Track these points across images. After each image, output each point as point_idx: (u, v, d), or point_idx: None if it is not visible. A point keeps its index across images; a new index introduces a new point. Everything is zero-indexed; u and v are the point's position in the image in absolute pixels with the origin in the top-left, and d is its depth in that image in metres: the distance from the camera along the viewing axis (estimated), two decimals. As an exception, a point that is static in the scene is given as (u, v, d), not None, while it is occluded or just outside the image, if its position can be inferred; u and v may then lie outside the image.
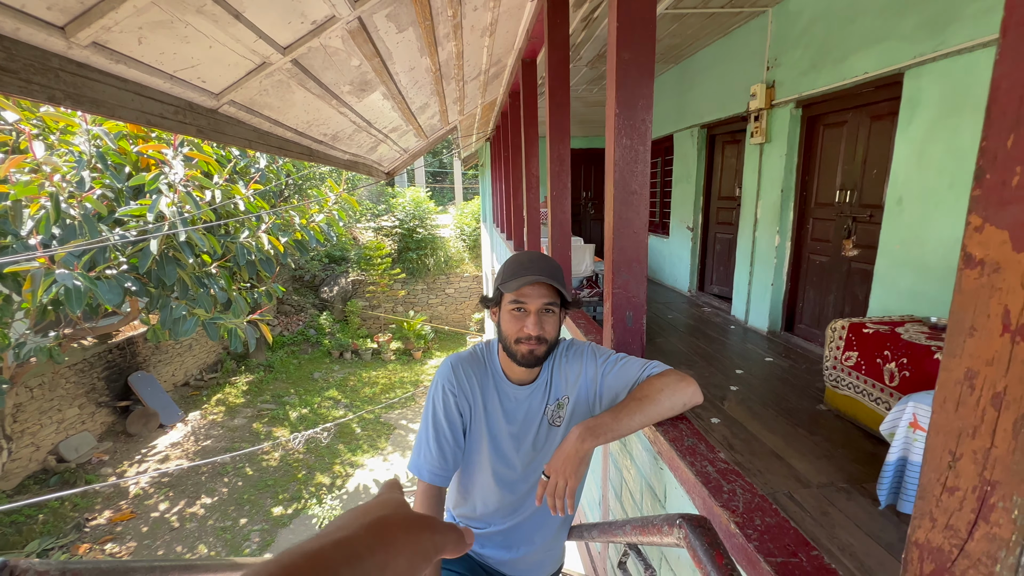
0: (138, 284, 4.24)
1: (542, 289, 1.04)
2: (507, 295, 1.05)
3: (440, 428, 1.10)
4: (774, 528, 0.67)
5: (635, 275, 1.22)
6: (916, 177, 2.64)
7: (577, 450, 0.93)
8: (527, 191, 3.09)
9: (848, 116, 3.27)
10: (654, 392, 1.00)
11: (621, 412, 0.98)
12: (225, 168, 4.85)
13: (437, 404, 1.11)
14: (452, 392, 1.11)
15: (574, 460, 0.93)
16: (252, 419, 8.26)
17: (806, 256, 3.74)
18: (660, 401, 0.99)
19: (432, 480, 1.08)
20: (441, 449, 1.09)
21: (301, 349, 10.97)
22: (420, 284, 12.45)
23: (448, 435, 1.10)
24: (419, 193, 13.31)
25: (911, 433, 1.69)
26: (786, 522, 0.69)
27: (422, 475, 1.09)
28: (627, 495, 1.22)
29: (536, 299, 1.03)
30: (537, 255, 1.10)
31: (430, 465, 1.08)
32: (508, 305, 1.05)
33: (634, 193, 1.17)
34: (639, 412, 0.98)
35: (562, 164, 2.12)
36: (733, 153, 4.78)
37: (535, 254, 1.10)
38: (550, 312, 1.06)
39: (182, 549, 5.55)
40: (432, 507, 1.07)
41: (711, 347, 3.78)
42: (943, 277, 2.52)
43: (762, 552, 0.63)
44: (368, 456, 7.50)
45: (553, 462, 0.95)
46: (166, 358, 8.54)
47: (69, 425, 6.77)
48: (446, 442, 1.10)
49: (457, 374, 1.12)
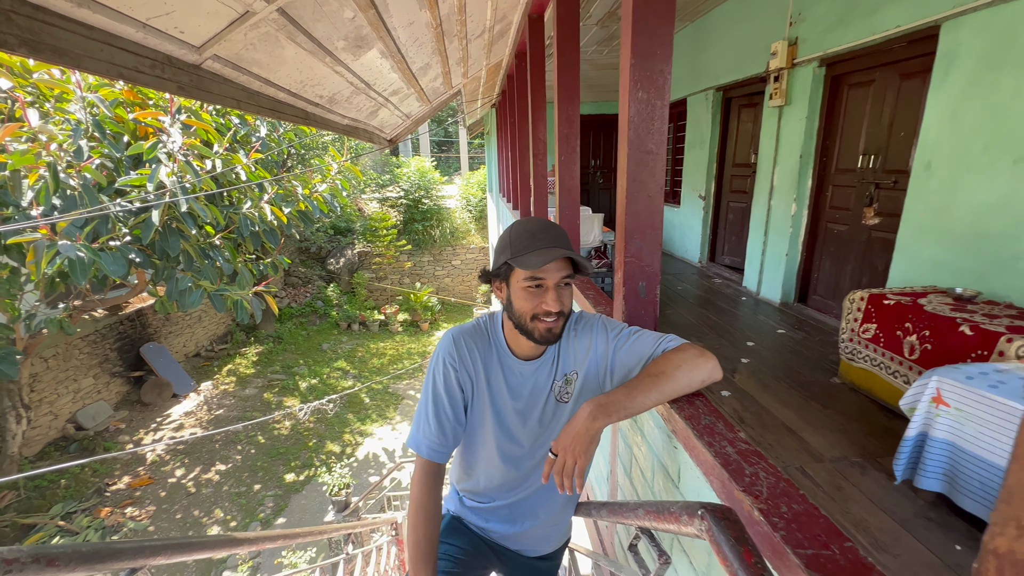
0: (142, 255, 4.21)
1: (560, 261, 0.96)
2: (520, 271, 0.97)
3: (440, 403, 1.05)
4: (802, 516, 0.62)
5: (649, 243, 1.14)
6: (948, 139, 2.48)
7: (587, 428, 0.88)
8: (534, 158, 2.96)
9: (876, 75, 3.07)
10: (670, 368, 0.94)
11: (635, 389, 0.91)
12: (225, 137, 4.73)
13: (437, 378, 1.06)
14: (453, 366, 1.05)
15: (584, 439, 0.87)
16: (263, 389, 8.40)
17: (823, 225, 3.61)
18: (677, 378, 0.93)
19: (431, 456, 1.04)
20: (441, 425, 1.05)
21: (309, 321, 11.05)
22: (426, 256, 12.39)
23: (448, 410, 1.05)
24: (424, 163, 13.09)
25: (933, 408, 1.63)
26: (815, 509, 0.63)
27: (420, 451, 1.05)
28: (637, 472, 1.18)
29: (554, 273, 0.96)
30: (545, 223, 1.02)
31: (429, 440, 1.04)
32: (522, 281, 0.97)
33: (650, 153, 1.08)
34: (654, 389, 0.91)
35: (571, 126, 2.00)
36: (749, 117, 4.58)
37: (542, 222, 1.02)
38: (567, 285, 0.99)
39: (199, 513, 5.73)
40: (430, 484, 1.03)
41: (722, 319, 3.70)
42: (971, 245, 2.40)
43: (790, 543, 0.57)
44: (377, 425, 7.63)
45: (561, 439, 0.90)
46: (176, 329, 8.64)
47: (85, 395, 6.92)
48: (446, 418, 1.05)
49: (459, 348, 1.06)
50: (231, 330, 10.06)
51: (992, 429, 1.46)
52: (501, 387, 1.08)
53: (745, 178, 4.71)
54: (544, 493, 1.18)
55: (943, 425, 1.60)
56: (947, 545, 1.51)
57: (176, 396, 7.85)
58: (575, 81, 2.01)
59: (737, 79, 4.38)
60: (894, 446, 2.08)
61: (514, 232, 1.01)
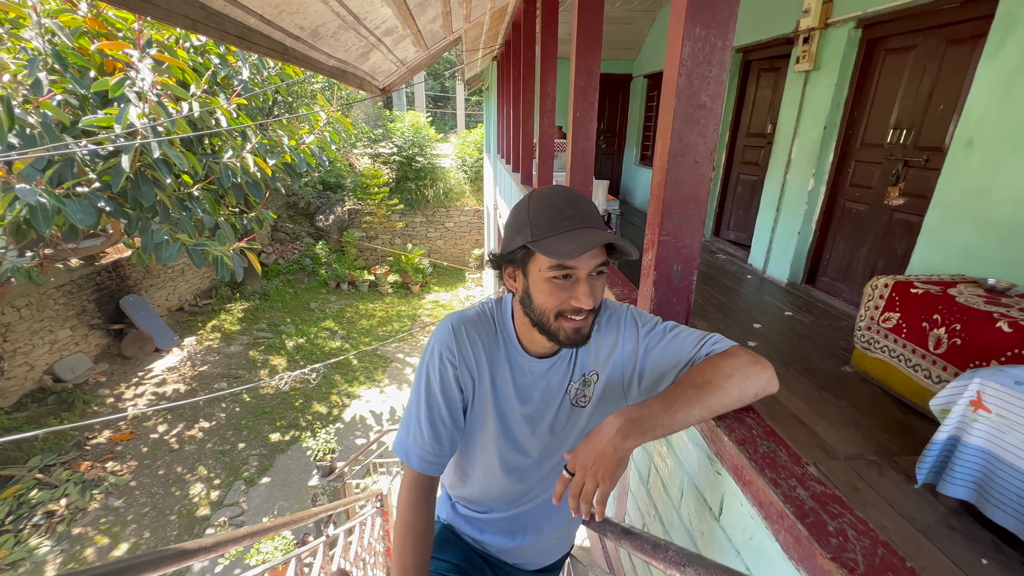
0: (113, 204, 3.91)
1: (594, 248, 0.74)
2: (543, 258, 0.76)
3: (435, 406, 0.87)
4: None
5: (690, 219, 0.95)
6: (995, 115, 2.26)
7: (615, 449, 0.70)
8: (541, 116, 2.69)
9: (918, 39, 2.80)
10: (720, 378, 0.76)
11: (675, 402, 0.74)
12: (203, 78, 4.34)
13: (432, 376, 0.87)
14: (452, 362, 0.86)
15: (610, 460, 0.70)
16: (248, 346, 8.24)
17: (841, 203, 3.41)
18: (727, 390, 0.75)
19: (422, 468, 0.87)
20: (435, 432, 0.87)
21: (297, 278, 10.79)
22: (419, 216, 12.04)
23: (445, 415, 0.87)
24: (419, 118, 12.52)
25: (970, 412, 1.49)
26: (933, 593, 0.47)
27: (411, 461, 0.87)
28: (657, 485, 1.03)
29: (588, 260, 0.75)
30: (574, 195, 0.79)
31: (420, 450, 0.86)
32: (546, 271, 0.76)
33: (702, 108, 0.86)
34: (699, 403, 0.74)
35: (590, 78, 1.74)
36: (770, 83, 4.28)
37: (570, 194, 0.79)
38: (600, 275, 0.78)
39: (182, 470, 5.67)
40: (421, 501, 0.86)
41: (727, 298, 3.55)
42: (1007, 234, 2.23)
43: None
44: (365, 388, 7.55)
45: (581, 457, 0.73)
46: (158, 282, 8.35)
47: (63, 346, 6.70)
48: (442, 423, 0.87)
49: (459, 340, 0.87)
50: (216, 285, 9.78)
51: (1039, 440, 1.33)
52: (508, 388, 0.90)
53: (759, 149, 4.47)
54: (550, 506, 1.03)
55: (980, 431, 1.47)
56: (973, 558, 1.41)
57: (158, 351, 7.66)
58: (598, 26, 1.74)
59: (760, 40, 4.06)
60: (911, 444, 1.97)
61: (534, 206, 0.78)
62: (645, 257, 1.04)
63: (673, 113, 0.87)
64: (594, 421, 0.93)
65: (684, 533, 0.94)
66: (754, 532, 0.69)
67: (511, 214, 0.82)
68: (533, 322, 0.82)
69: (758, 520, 0.67)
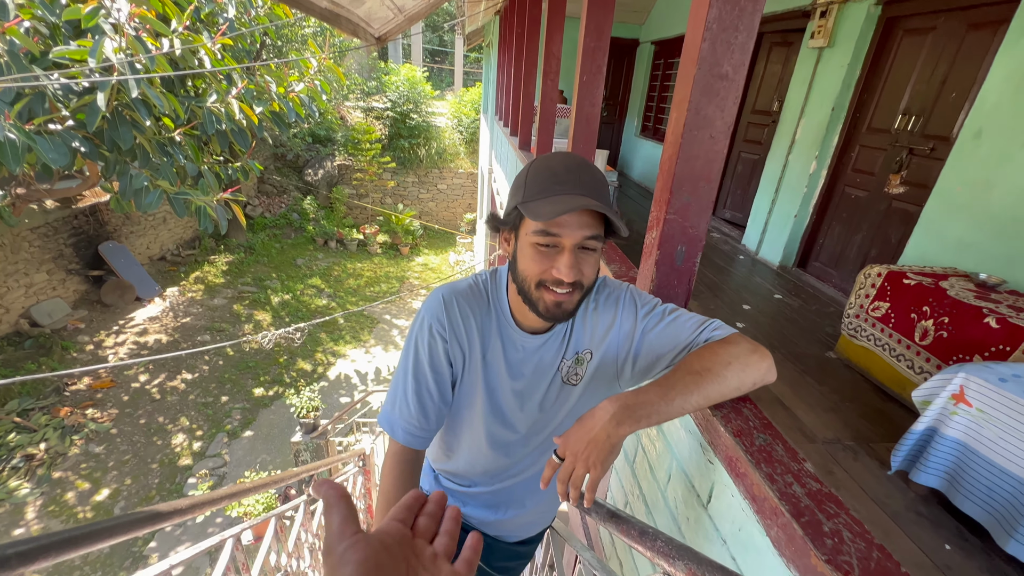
0: (88, 145, 3.71)
1: (584, 216, 0.71)
2: (531, 221, 0.73)
3: (423, 379, 0.84)
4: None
5: (700, 198, 0.90)
6: (1008, 106, 2.21)
7: (609, 435, 0.68)
8: (544, 77, 2.56)
9: (939, 21, 2.70)
10: (719, 365, 0.74)
11: (672, 389, 0.72)
12: (185, 13, 4.06)
13: (421, 348, 0.83)
14: (442, 335, 0.83)
15: (603, 447, 0.68)
16: (232, 300, 8.12)
17: (840, 188, 3.38)
18: (726, 378, 0.73)
19: (408, 442, 0.84)
20: (422, 405, 0.84)
21: (284, 233, 10.56)
22: (411, 176, 11.75)
23: (432, 388, 0.84)
24: (415, 72, 12.02)
25: (951, 405, 1.51)
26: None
27: (396, 435, 0.85)
28: (644, 468, 1.02)
29: (575, 230, 0.71)
30: (575, 160, 0.75)
31: (406, 423, 0.84)
32: (531, 235, 0.73)
33: (724, 78, 0.80)
34: (696, 391, 0.72)
35: (600, 39, 1.63)
36: (780, 58, 4.15)
37: (572, 159, 0.75)
38: (590, 250, 0.74)
39: (164, 420, 5.67)
40: (405, 475, 0.84)
41: (717, 277, 3.55)
42: (1004, 229, 2.23)
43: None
44: (351, 347, 7.54)
45: (572, 442, 0.71)
46: (139, 230, 8.10)
47: (39, 290, 6.53)
48: (429, 397, 0.84)
49: (450, 312, 0.83)
50: (199, 236, 9.54)
51: (1016, 436, 1.35)
52: (499, 362, 0.87)
53: (762, 127, 4.37)
54: (533, 482, 1.02)
55: (959, 424, 1.49)
56: (937, 543, 1.46)
57: (139, 300, 7.52)
58: (611, -19, 1.62)
59: (775, 11, 3.90)
60: (887, 431, 2.02)
61: (534, 169, 0.76)
62: (649, 235, 1.00)
63: (692, 82, 0.81)
64: (584, 400, 0.92)
65: (668, 516, 0.94)
66: (744, 524, 0.68)
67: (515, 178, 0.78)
68: (518, 289, 0.79)
69: (749, 513, 0.66)
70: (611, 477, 1.27)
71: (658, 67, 6.62)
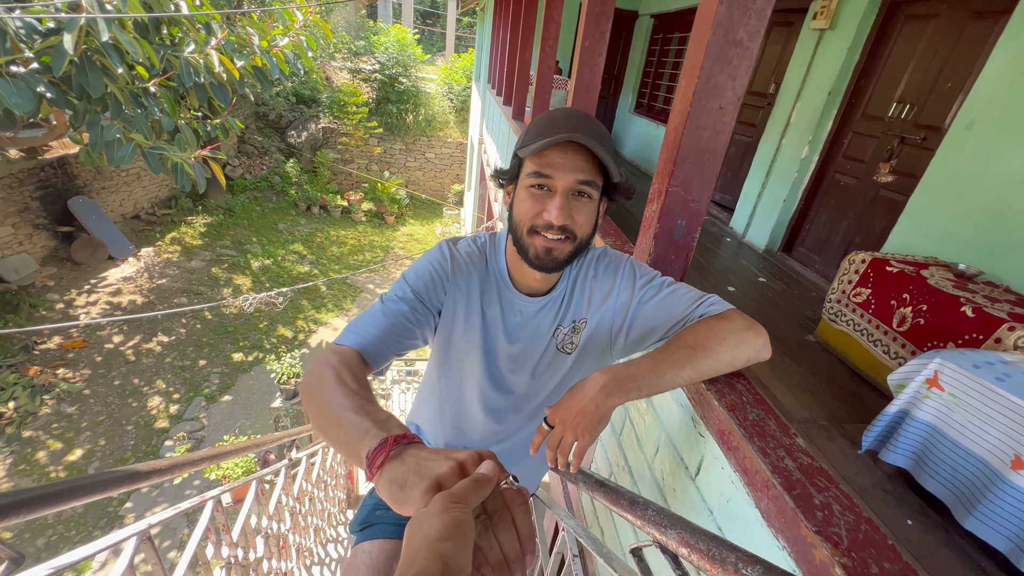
0: (55, 91, 3.50)
1: (577, 159, 0.70)
2: (527, 163, 0.73)
3: (405, 294, 0.79)
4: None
5: (703, 171, 0.88)
6: (1003, 99, 2.23)
7: (598, 406, 0.68)
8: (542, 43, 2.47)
9: (942, 9, 2.68)
10: (713, 340, 0.74)
11: (664, 363, 0.72)
12: (160, -49, 3.80)
13: (414, 275, 0.81)
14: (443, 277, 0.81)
15: (591, 417, 0.68)
16: (211, 263, 7.92)
17: (830, 175, 3.40)
18: (719, 354, 0.73)
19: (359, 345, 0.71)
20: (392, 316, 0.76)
21: (265, 196, 10.26)
22: (398, 143, 11.45)
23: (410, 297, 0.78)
24: (406, 34, 11.56)
25: (924, 389, 1.56)
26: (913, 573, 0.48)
27: (345, 338, 0.73)
28: (631, 439, 1.03)
29: (567, 172, 0.70)
30: (576, 112, 0.74)
31: (361, 328, 0.73)
32: (526, 179, 0.73)
33: (738, 45, 0.77)
34: (689, 364, 0.72)
35: (604, 3, 1.57)
36: (780, 39, 4.09)
37: (575, 110, 0.74)
38: (584, 196, 0.73)
39: (139, 382, 5.57)
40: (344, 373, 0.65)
41: (704, 258, 3.57)
42: (986, 222, 2.27)
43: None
44: (333, 315, 7.46)
45: (562, 411, 0.71)
46: (111, 185, 7.76)
47: (4, 244, 6.25)
48: (401, 312, 0.76)
49: (455, 261, 0.82)
50: (176, 195, 9.20)
51: (983, 420, 1.41)
52: (497, 324, 0.86)
53: (757, 109, 4.34)
54: (520, 448, 1.03)
55: (930, 408, 1.55)
56: (900, 518, 1.53)
57: (112, 258, 7.27)
58: (619, -59, 1.54)
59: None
60: (860, 412, 2.09)
61: (534, 120, 0.75)
62: (649, 208, 0.98)
63: (705, 48, 0.77)
64: (576, 368, 0.92)
65: (654, 487, 0.96)
66: (732, 496, 0.70)
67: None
68: (513, 240, 0.78)
69: (739, 485, 0.67)
70: (596, 448, 1.28)
71: (656, 42, 6.48)
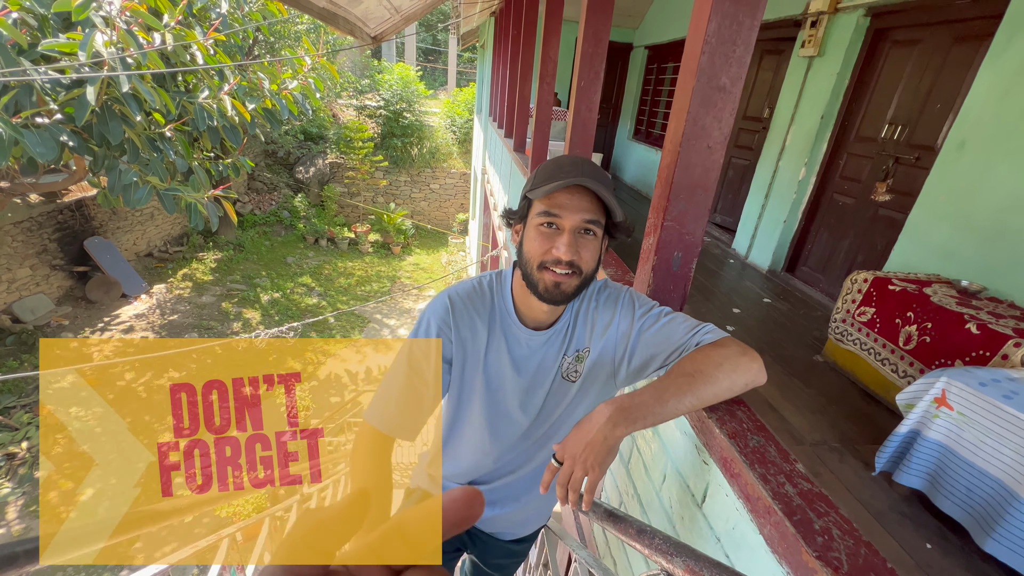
0: (76, 139, 3.66)
1: (583, 200, 0.77)
2: (536, 204, 0.79)
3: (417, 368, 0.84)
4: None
5: (696, 206, 0.92)
6: (991, 119, 2.28)
7: (605, 437, 0.71)
8: (541, 81, 2.59)
9: (925, 34, 2.78)
10: (710, 367, 0.77)
11: (666, 391, 0.75)
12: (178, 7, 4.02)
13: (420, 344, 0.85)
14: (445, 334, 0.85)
15: (599, 449, 0.71)
16: (221, 298, 8.03)
17: (829, 195, 3.45)
18: (717, 380, 0.76)
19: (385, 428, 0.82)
20: (410, 394, 0.83)
21: (274, 231, 10.46)
22: (403, 175, 11.71)
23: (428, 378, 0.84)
24: (409, 71, 11.97)
25: (933, 408, 1.56)
26: (913, 596, 0.49)
27: (371, 418, 0.84)
28: (639, 468, 1.05)
29: (573, 213, 0.76)
30: (581, 159, 0.80)
31: (383, 408, 0.83)
32: (535, 218, 0.79)
33: (721, 90, 0.83)
34: (690, 392, 0.75)
35: (598, 44, 1.67)
36: (772, 65, 4.22)
37: (580, 157, 0.81)
38: (590, 234, 0.79)
39: (150, 419, 5.59)
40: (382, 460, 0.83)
41: (708, 280, 3.60)
42: (986, 238, 2.29)
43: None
44: (341, 346, 7.50)
45: (570, 446, 0.74)
46: (126, 225, 7.98)
47: (22, 286, 6.40)
48: (422, 385, 0.84)
49: (457, 312, 0.86)
50: (187, 232, 9.42)
51: (994, 439, 1.40)
52: (503, 360, 0.89)
53: (753, 133, 4.44)
54: (530, 478, 1.04)
55: (941, 427, 1.54)
56: (918, 543, 1.50)
57: (125, 296, 7.40)
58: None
59: (767, 20, 3.96)
60: (872, 433, 2.07)
61: (545, 165, 0.82)
62: (646, 241, 1.02)
63: (691, 93, 0.83)
64: (580, 396, 0.94)
65: (663, 516, 0.96)
66: (737, 523, 0.71)
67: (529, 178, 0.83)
68: (523, 275, 0.83)
69: (743, 512, 0.69)
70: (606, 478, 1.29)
71: (651, 71, 6.68)
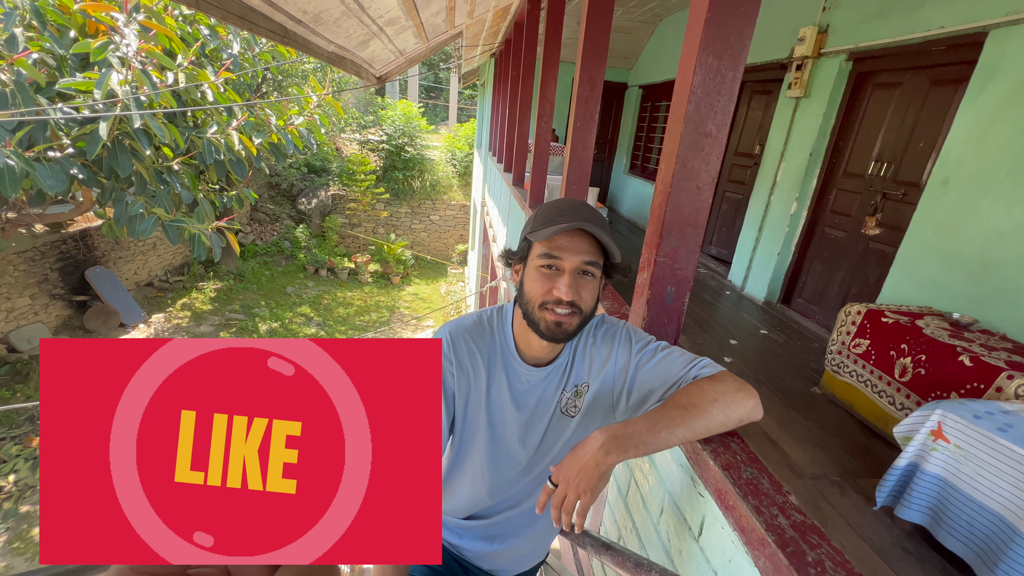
0: (86, 172, 3.75)
1: (583, 243, 0.80)
2: (536, 246, 0.82)
3: None
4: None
5: (688, 243, 0.97)
6: (972, 157, 2.37)
7: (598, 463, 0.73)
8: (539, 120, 2.70)
9: (905, 78, 2.91)
10: (705, 401, 0.79)
11: (659, 422, 0.77)
12: (191, 48, 4.21)
13: None
14: (449, 371, 0.87)
15: (592, 474, 0.73)
16: (219, 327, 8.02)
17: (820, 228, 3.52)
18: (711, 414, 0.78)
19: None
20: None
21: (274, 261, 10.54)
22: (404, 207, 11.90)
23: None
24: (411, 107, 12.36)
25: (930, 441, 1.57)
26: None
27: None
28: (637, 501, 1.05)
29: (573, 255, 0.80)
30: (579, 202, 0.85)
31: None
32: (536, 260, 0.82)
33: (708, 136, 0.88)
34: (683, 424, 0.77)
35: (593, 89, 1.76)
36: (761, 105, 4.38)
37: (578, 201, 0.85)
38: (589, 275, 0.82)
39: (142, 451, 5.48)
40: None
41: (705, 312, 3.63)
42: (974, 271, 2.34)
43: None
44: (338, 377, 7.43)
45: (565, 470, 0.75)
46: (127, 255, 8.04)
47: (20, 315, 6.39)
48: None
49: (457, 347, 0.88)
50: (189, 261, 9.48)
51: (992, 473, 1.40)
52: (504, 396, 0.91)
53: (745, 168, 4.57)
54: (529, 513, 1.04)
55: (938, 460, 1.54)
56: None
57: (123, 326, 7.38)
58: (604, 38, 1.76)
59: (755, 63, 4.15)
60: (872, 466, 2.06)
61: (542, 209, 0.86)
62: (640, 276, 1.06)
63: (680, 139, 0.89)
64: (580, 431, 0.95)
65: (661, 549, 0.96)
66: (733, 556, 0.72)
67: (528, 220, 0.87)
68: (524, 314, 0.85)
69: (738, 544, 0.70)
70: (604, 511, 1.28)
71: (646, 108, 6.92)
